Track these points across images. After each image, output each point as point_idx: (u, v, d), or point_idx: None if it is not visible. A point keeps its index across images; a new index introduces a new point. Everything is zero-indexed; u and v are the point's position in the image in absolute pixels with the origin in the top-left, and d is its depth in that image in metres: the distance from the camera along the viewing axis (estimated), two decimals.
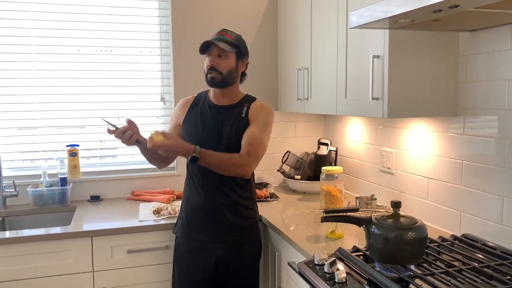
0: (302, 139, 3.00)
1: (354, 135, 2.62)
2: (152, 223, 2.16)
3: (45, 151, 2.63)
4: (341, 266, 1.46)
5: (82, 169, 2.59)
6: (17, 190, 2.44)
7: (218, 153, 1.87)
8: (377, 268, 1.43)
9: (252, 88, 2.41)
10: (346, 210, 1.61)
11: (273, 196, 2.60)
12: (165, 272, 2.15)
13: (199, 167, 1.91)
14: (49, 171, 2.54)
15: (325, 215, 1.58)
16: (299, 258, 1.73)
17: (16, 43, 2.52)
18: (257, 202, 2.14)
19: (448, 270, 1.38)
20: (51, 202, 2.48)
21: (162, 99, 2.79)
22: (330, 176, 2.22)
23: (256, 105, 2.02)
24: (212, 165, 1.86)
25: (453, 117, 1.83)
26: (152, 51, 2.76)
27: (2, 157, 2.49)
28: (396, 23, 1.48)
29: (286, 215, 2.24)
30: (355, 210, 1.61)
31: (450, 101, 1.80)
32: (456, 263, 1.47)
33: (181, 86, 2.72)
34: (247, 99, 2.05)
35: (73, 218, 2.26)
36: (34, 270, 2.01)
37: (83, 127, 2.68)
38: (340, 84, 2.07)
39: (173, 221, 2.13)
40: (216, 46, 1.92)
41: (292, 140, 2.98)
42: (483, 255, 1.54)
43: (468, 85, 1.76)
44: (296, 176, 2.72)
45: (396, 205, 1.46)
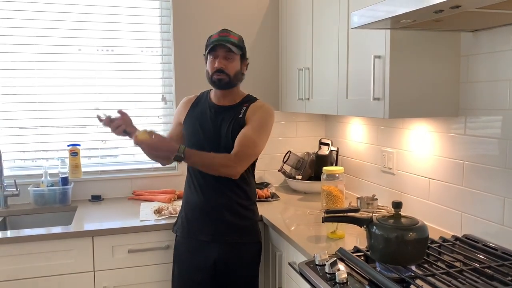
0: (303, 139, 3.00)
1: (355, 135, 2.62)
2: (153, 222, 2.16)
3: (46, 150, 2.63)
4: (342, 267, 1.46)
5: (83, 169, 2.60)
6: (18, 189, 2.44)
7: (204, 153, 1.87)
8: (378, 268, 1.43)
9: (253, 88, 2.41)
10: (347, 210, 1.61)
11: (274, 196, 2.60)
12: (166, 272, 2.15)
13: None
14: (50, 170, 2.54)
15: (326, 215, 1.58)
16: (300, 258, 1.74)
17: (17, 43, 2.52)
18: (257, 202, 2.14)
19: (449, 270, 1.38)
20: (52, 201, 2.48)
21: (163, 99, 2.79)
22: (331, 176, 2.22)
23: (255, 106, 2.01)
24: (197, 164, 1.87)
25: (455, 118, 1.83)
26: (153, 50, 2.76)
27: (3, 157, 2.49)
28: (397, 23, 1.47)
29: (287, 215, 2.24)
30: (356, 211, 1.61)
31: (451, 101, 1.80)
32: (457, 264, 1.47)
33: (182, 86, 2.72)
34: (248, 100, 2.05)
35: (74, 218, 2.26)
36: (35, 270, 2.01)
37: (84, 126, 2.68)
38: (341, 84, 2.06)
39: (174, 221, 2.13)
40: (223, 47, 1.91)
41: (293, 140, 2.98)
42: (484, 256, 1.53)
43: (470, 85, 1.75)
44: (297, 176, 2.72)
45: (397, 205, 1.46)
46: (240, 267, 1.99)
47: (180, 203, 2.25)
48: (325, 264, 1.45)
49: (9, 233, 2.03)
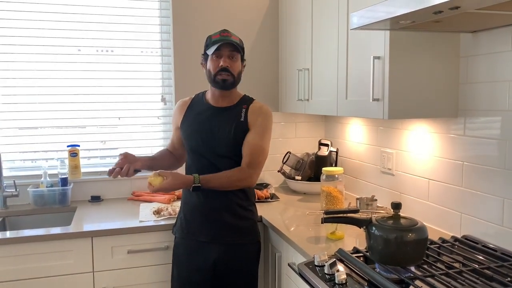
0: (302, 140, 3.00)
1: (355, 136, 2.62)
2: (152, 223, 2.16)
3: (46, 151, 2.63)
4: (341, 267, 1.46)
5: (82, 169, 2.59)
6: (17, 190, 2.44)
7: (217, 174, 1.90)
8: (377, 269, 1.43)
9: (253, 89, 2.41)
10: (346, 211, 1.61)
11: (274, 196, 2.60)
12: (165, 273, 2.15)
13: (197, 168, 1.91)
14: (50, 171, 2.54)
15: (325, 216, 1.58)
16: (299, 259, 1.73)
17: (17, 43, 2.52)
18: (257, 203, 2.15)
19: (449, 271, 1.38)
20: (52, 202, 2.48)
21: (162, 100, 2.79)
22: (331, 177, 2.22)
23: (254, 108, 2.01)
24: (216, 187, 1.90)
25: (454, 118, 1.83)
26: (153, 51, 2.76)
27: (2, 157, 2.49)
28: (397, 24, 1.48)
29: (287, 215, 2.24)
30: (356, 211, 1.61)
31: (451, 102, 1.80)
32: (456, 265, 1.47)
33: (182, 87, 2.72)
34: (245, 100, 2.05)
35: (74, 218, 2.26)
36: (34, 270, 2.01)
37: (84, 127, 2.68)
38: (341, 85, 2.07)
39: (173, 221, 2.13)
40: (228, 46, 1.91)
41: (293, 140, 2.98)
42: (484, 257, 1.53)
43: (469, 86, 1.76)
44: (296, 177, 2.72)
45: (397, 206, 1.46)
46: (239, 267, 1.99)
47: (179, 204, 2.24)
48: (325, 265, 1.45)
49: (8, 234, 2.03)
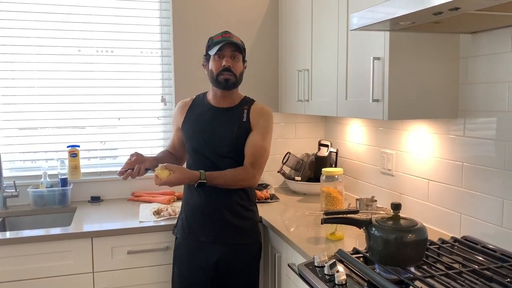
0: (302, 141, 3.00)
1: (355, 136, 2.62)
2: (152, 224, 2.16)
3: (46, 151, 2.63)
4: (341, 268, 1.46)
5: (82, 170, 2.60)
6: (17, 190, 2.44)
7: (222, 172, 1.91)
8: (377, 270, 1.43)
9: (253, 89, 2.42)
10: (346, 211, 1.61)
11: (273, 197, 2.60)
12: (165, 273, 2.15)
13: (199, 168, 1.91)
14: (50, 171, 2.54)
15: (325, 216, 1.58)
16: (299, 260, 1.73)
17: (17, 44, 2.52)
18: (257, 203, 2.15)
19: (448, 272, 1.38)
20: (52, 202, 2.48)
21: (162, 100, 2.79)
22: (331, 178, 2.22)
23: (256, 109, 2.03)
24: (220, 185, 1.91)
25: (454, 119, 1.83)
26: (153, 51, 2.76)
27: (2, 158, 2.49)
28: (396, 25, 1.48)
29: (286, 216, 2.24)
30: (355, 212, 1.61)
31: (450, 103, 1.80)
32: (456, 265, 1.47)
33: (182, 87, 2.72)
34: (246, 101, 2.06)
35: (74, 219, 2.26)
36: (34, 271, 2.01)
37: (84, 127, 2.68)
38: (341, 85, 2.07)
39: (173, 222, 2.13)
40: (230, 46, 1.92)
41: (293, 141, 2.98)
42: (483, 257, 1.54)
43: (469, 87, 1.76)
44: (296, 178, 2.72)
45: (396, 207, 1.46)
46: (240, 267, 2.00)
47: (179, 204, 2.25)
48: (324, 266, 1.45)
49: (8, 234, 2.03)
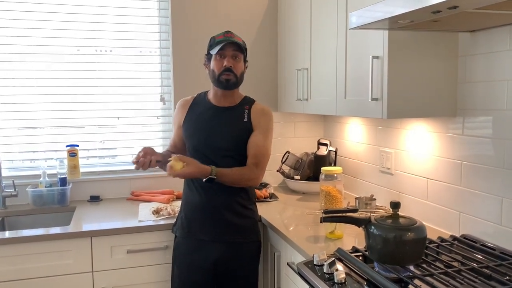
0: (301, 140, 3.00)
1: (354, 135, 2.62)
2: (151, 223, 2.16)
3: (45, 151, 2.63)
4: (340, 267, 1.46)
5: (81, 169, 2.59)
6: (16, 190, 2.44)
7: (231, 170, 1.92)
8: (376, 268, 1.43)
9: (252, 89, 2.41)
10: (345, 210, 1.61)
11: (273, 196, 2.60)
12: (165, 272, 2.15)
13: None
14: (49, 171, 2.54)
15: (324, 215, 1.58)
16: (298, 259, 1.74)
17: (16, 43, 2.52)
18: (256, 202, 2.15)
19: (447, 270, 1.39)
20: (51, 202, 2.48)
21: (161, 99, 2.79)
22: (330, 177, 2.22)
23: (257, 109, 2.04)
24: (227, 182, 1.91)
25: (453, 118, 1.83)
26: (152, 51, 2.76)
27: (1, 157, 2.49)
28: (395, 23, 1.48)
29: (286, 215, 2.25)
30: (355, 211, 1.62)
31: (449, 101, 1.80)
32: (455, 264, 1.47)
33: (181, 86, 2.72)
34: (247, 101, 2.07)
35: (73, 218, 2.26)
36: (33, 270, 2.01)
37: (83, 127, 2.68)
38: (340, 84, 2.07)
39: (173, 221, 2.13)
40: (232, 45, 1.93)
41: (292, 140, 2.99)
42: (482, 256, 1.54)
43: (467, 85, 1.76)
44: (295, 177, 2.72)
45: (395, 205, 1.46)
46: (240, 266, 2.00)
47: (178, 203, 2.25)
48: (324, 264, 1.45)
49: (7, 234, 2.03)
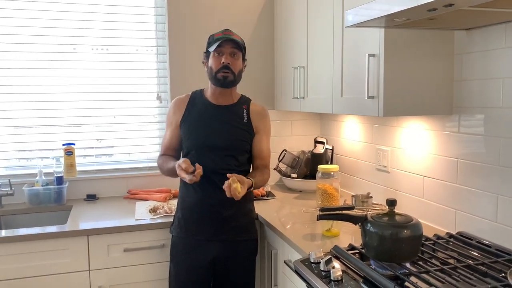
0: (298, 138, 3.00)
1: (350, 133, 2.62)
2: (148, 221, 2.16)
3: (41, 149, 2.62)
4: (337, 264, 1.47)
5: (78, 168, 2.59)
6: (13, 189, 2.43)
7: (259, 177, 1.99)
8: (373, 266, 1.43)
9: (248, 87, 2.41)
10: (342, 208, 1.61)
11: (270, 194, 2.61)
12: (162, 271, 2.15)
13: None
14: (45, 170, 2.53)
15: (321, 213, 1.58)
16: (295, 256, 1.74)
17: (11, 42, 2.51)
18: (253, 201, 2.15)
19: (443, 267, 1.39)
20: (47, 201, 2.47)
21: (158, 98, 2.79)
22: (326, 175, 2.23)
23: (255, 110, 2.06)
24: (256, 188, 2.01)
25: (449, 116, 1.84)
26: (148, 49, 2.75)
27: None
28: (391, 21, 1.48)
29: (283, 213, 2.25)
30: (351, 208, 1.62)
31: (445, 99, 1.81)
32: (451, 261, 1.48)
33: (177, 85, 2.72)
34: (244, 100, 2.07)
35: (69, 217, 2.25)
36: (30, 269, 2.00)
37: (79, 125, 2.67)
38: (336, 82, 2.07)
39: (170, 219, 2.13)
40: (230, 42, 1.93)
41: (289, 138, 2.99)
42: (478, 253, 1.55)
43: (463, 83, 1.76)
44: (292, 175, 2.73)
45: (392, 203, 1.47)
46: (237, 264, 2.00)
47: (175, 202, 2.25)
48: (320, 262, 1.45)
49: (3, 233, 2.02)
